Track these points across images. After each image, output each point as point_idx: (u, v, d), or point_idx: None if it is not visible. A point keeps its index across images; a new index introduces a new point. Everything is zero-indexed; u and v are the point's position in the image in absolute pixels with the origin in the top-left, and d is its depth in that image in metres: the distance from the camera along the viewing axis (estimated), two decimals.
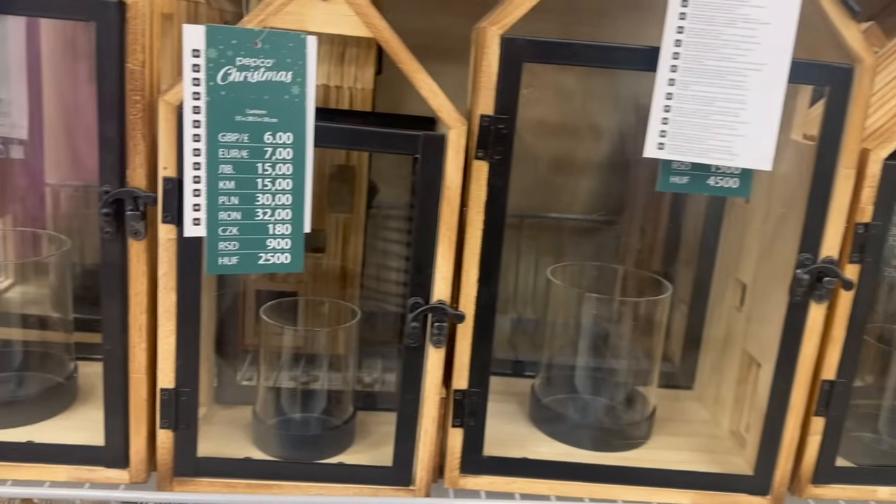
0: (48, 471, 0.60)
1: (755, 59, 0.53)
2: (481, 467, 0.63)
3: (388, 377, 0.80)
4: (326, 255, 0.82)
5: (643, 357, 0.72)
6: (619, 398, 0.72)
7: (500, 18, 0.55)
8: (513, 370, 0.82)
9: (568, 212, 0.89)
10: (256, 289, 0.80)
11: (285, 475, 0.61)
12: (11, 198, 0.87)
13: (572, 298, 0.71)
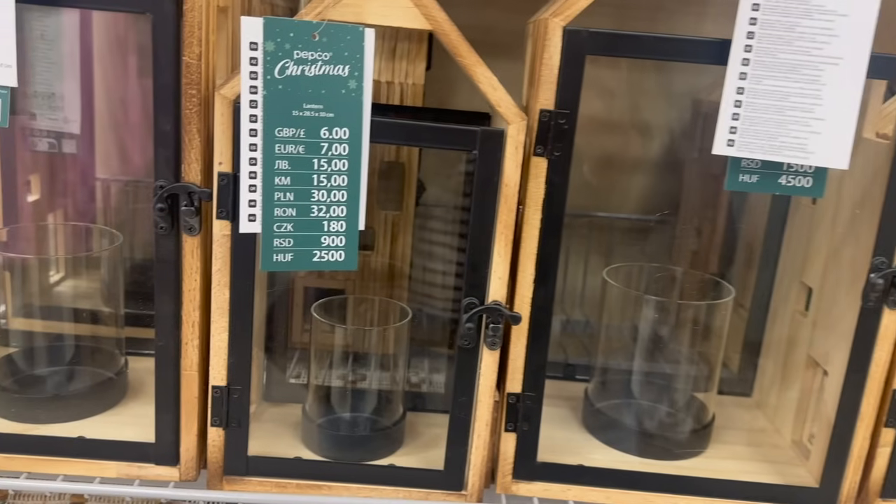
0: (98, 467, 0.60)
1: (832, 52, 0.51)
2: (535, 473, 0.62)
3: (436, 377, 0.79)
4: (375, 252, 0.81)
5: (702, 363, 0.69)
6: (676, 405, 0.70)
7: (563, 10, 0.53)
8: (563, 373, 0.80)
9: (620, 211, 0.86)
10: (304, 285, 0.79)
11: (335, 476, 0.60)
12: (63, 192, 0.88)
13: (630, 301, 0.68)
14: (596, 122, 0.83)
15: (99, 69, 0.83)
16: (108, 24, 0.82)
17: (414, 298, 0.81)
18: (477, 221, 0.55)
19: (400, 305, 0.67)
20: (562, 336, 0.86)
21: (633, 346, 0.69)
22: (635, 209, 0.86)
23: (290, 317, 0.79)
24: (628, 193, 0.87)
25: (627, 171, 0.85)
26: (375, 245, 0.80)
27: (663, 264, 0.74)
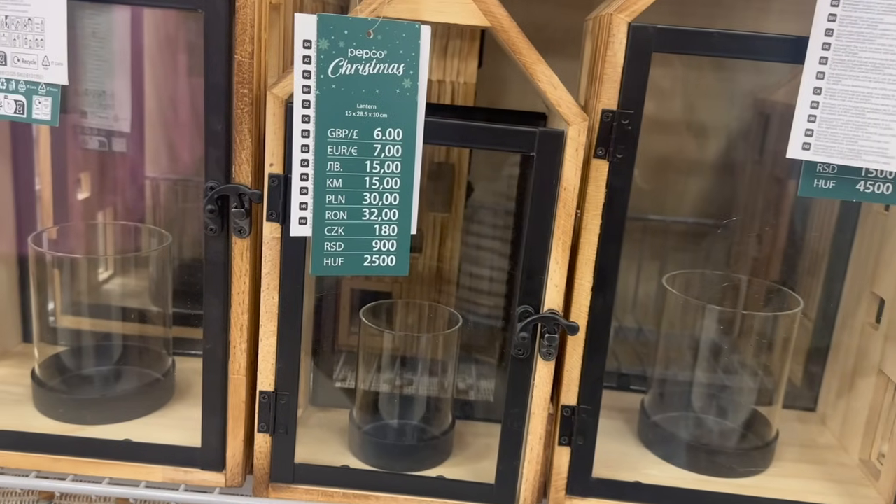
0: (144, 470, 0.59)
1: None
2: (589, 489, 0.59)
3: (484, 385, 0.77)
4: (423, 255, 0.79)
5: (766, 376, 0.66)
6: (738, 419, 0.67)
7: (628, 5, 0.50)
8: (617, 383, 0.77)
9: (676, 214, 0.83)
10: (351, 288, 0.78)
11: (383, 487, 0.58)
12: (112, 190, 0.88)
13: (690, 310, 0.65)
14: (652, 121, 0.80)
15: (149, 67, 0.83)
16: (158, 22, 0.81)
17: (461, 303, 0.79)
18: (533, 226, 0.52)
19: (449, 311, 0.65)
20: (615, 344, 0.83)
21: (694, 357, 0.66)
22: (693, 213, 0.83)
23: (337, 319, 0.78)
24: (685, 196, 0.84)
25: (685, 174, 0.82)
26: (423, 247, 0.79)
27: (724, 271, 0.71)
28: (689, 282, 0.69)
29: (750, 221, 0.83)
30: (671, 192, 0.83)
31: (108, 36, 0.79)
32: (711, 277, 0.69)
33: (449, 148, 0.75)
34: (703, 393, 0.67)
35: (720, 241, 0.83)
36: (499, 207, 0.82)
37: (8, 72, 0.49)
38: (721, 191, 0.83)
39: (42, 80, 0.49)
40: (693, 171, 0.82)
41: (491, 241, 0.83)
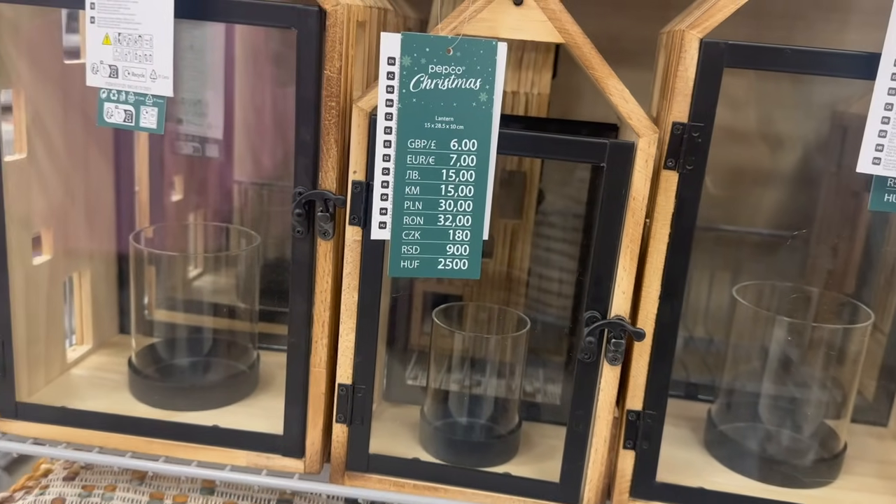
0: (229, 455, 0.63)
1: None
2: (653, 493, 0.60)
3: (551, 388, 0.78)
4: (493, 260, 0.81)
5: (835, 389, 0.66)
6: (806, 431, 0.67)
7: (700, 22, 0.52)
8: (685, 392, 0.78)
9: (750, 225, 0.84)
10: (424, 290, 0.81)
11: (452, 480, 0.61)
12: (204, 193, 0.94)
13: (760, 321, 0.66)
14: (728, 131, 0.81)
15: (240, 78, 0.88)
16: (249, 36, 0.86)
17: (531, 306, 0.81)
18: (602, 234, 0.54)
19: (518, 314, 0.67)
20: (684, 353, 0.84)
21: (762, 367, 0.67)
22: (765, 223, 0.83)
23: (410, 320, 0.82)
24: (759, 207, 0.84)
25: (759, 184, 0.82)
26: (494, 252, 0.81)
27: (795, 283, 0.71)
28: (760, 293, 0.69)
29: (826, 234, 0.82)
30: (747, 202, 0.84)
31: (203, 48, 0.85)
32: (782, 289, 0.70)
33: (521, 157, 0.77)
34: (771, 404, 0.67)
35: (794, 253, 0.83)
36: (568, 214, 0.84)
37: (119, 84, 0.54)
38: (797, 203, 0.83)
39: (149, 92, 0.54)
40: (769, 182, 0.82)
41: (561, 246, 0.85)
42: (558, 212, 0.84)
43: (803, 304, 0.69)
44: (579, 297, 0.70)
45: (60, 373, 0.72)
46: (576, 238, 0.82)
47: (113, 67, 0.54)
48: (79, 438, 0.65)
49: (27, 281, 0.66)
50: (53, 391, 0.69)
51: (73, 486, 0.71)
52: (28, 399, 0.66)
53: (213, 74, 0.86)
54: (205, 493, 0.69)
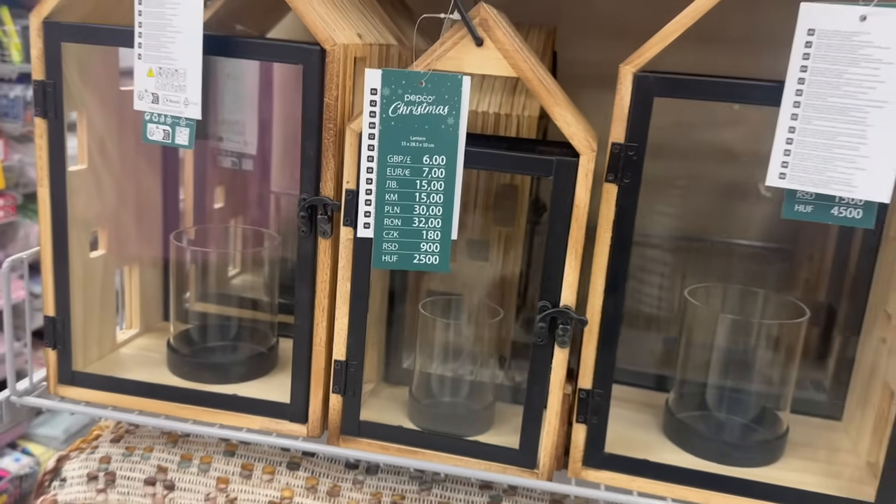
0: (246, 420, 0.75)
1: (877, 97, 0.56)
2: (602, 463, 0.70)
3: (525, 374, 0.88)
4: (489, 263, 0.92)
5: (776, 378, 0.74)
6: (749, 417, 0.75)
7: (633, 59, 0.62)
8: (654, 384, 0.87)
9: (733, 236, 0.91)
10: (428, 289, 0.92)
11: (430, 445, 0.71)
12: (242, 201, 1.07)
13: (707, 319, 0.75)
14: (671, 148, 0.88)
15: (271, 101, 1.01)
16: (280, 67, 0.99)
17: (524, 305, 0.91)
18: (552, 236, 0.64)
19: (493, 306, 0.77)
20: (655, 349, 0.92)
21: (711, 361, 0.75)
22: (743, 234, 0.91)
23: (409, 315, 0.92)
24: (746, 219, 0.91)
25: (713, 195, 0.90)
26: (490, 256, 0.91)
27: (743, 285, 0.79)
28: (712, 294, 0.78)
29: (801, 245, 0.90)
30: (699, 212, 0.92)
31: (240, 76, 0.98)
32: (730, 290, 0.78)
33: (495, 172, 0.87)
34: (717, 393, 0.75)
35: (768, 263, 0.91)
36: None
37: (160, 108, 0.67)
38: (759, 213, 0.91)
39: (183, 115, 0.66)
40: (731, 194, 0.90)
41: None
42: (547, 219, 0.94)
43: (751, 304, 0.78)
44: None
45: (111, 351, 0.85)
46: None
47: (155, 95, 0.67)
48: (123, 403, 0.77)
49: (84, 272, 0.79)
50: (104, 365, 0.82)
51: (117, 447, 0.84)
52: (82, 370, 0.79)
53: (248, 99, 0.99)
54: (227, 455, 0.81)
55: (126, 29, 0.68)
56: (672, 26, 0.60)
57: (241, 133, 1.02)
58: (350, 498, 0.78)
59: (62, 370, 0.78)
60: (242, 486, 0.79)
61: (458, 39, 0.62)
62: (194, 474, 0.80)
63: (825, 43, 0.57)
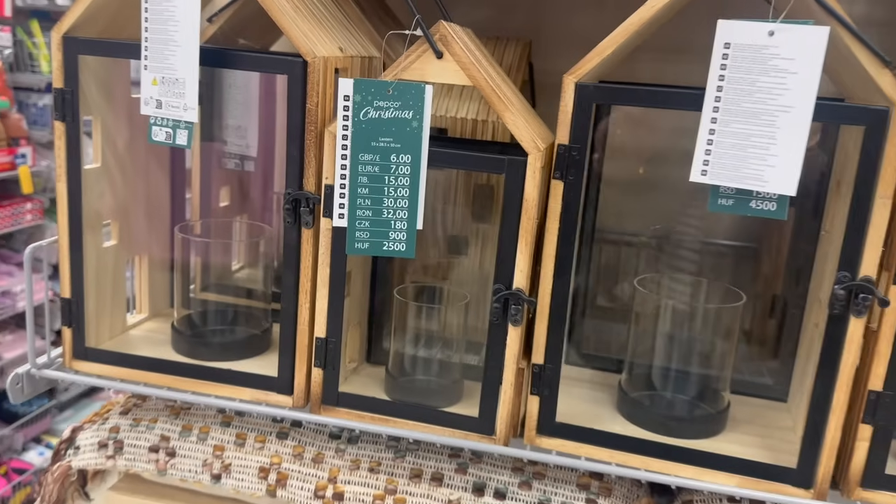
0: (239, 391, 0.83)
1: (784, 102, 0.64)
2: (555, 431, 0.78)
3: None
4: (468, 257, 1.00)
5: (718, 360, 0.82)
6: (691, 394, 0.82)
7: (575, 70, 0.70)
8: (616, 368, 0.94)
9: (703, 235, 0.99)
10: (412, 281, 1.00)
11: (401, 414, 0.80)
12: (245, 201, 1.16)
13: (654, 305, 0.82)
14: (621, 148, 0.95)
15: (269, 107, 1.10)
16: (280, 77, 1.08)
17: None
18: (505, 226, 0.72)
19: (464, 293, 0.85)
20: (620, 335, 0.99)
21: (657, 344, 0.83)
22: (720, 234, 0.99)
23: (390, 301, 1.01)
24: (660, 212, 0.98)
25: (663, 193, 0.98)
26: (468, 251, 1.00)
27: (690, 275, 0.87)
28: (658, 283, 0.86)
29: (768, 242, 0.98)
30: (648, 208, 0.99)
31: (242, 85, 1.07)
32: (676, 279, 0.86)
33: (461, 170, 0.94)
34: (662, 372, 0.83)
35: (738, 259, 0.98)
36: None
37: (162, 113, 0.76)
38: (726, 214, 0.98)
39: (182, 119, 0.75)
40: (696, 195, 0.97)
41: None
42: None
43: (694, 290, 0.85)
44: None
45: (121, 332, 0.95)
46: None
47: (158, 101, 0.76)
48: (130, 376, 0.86)
49: (98, 259, 0.88)
50: (114, 343, 0.91)
51: (125, 418, 0.93)
52: (95, 346, 0.88)
53: (250, 106, 1.08)
54: (223, 425, 0.90)
55: (134, 43, 0.77)
56: (606, 42, 0.69)
57: (244, 137, 1.11)
58: (332, 464, 0.86)
59: (76, 347, 0.87)
60: (236, 454, 0.88)
61: (422, 53, 0.71)
62: (193, 443, 0.89)
63: (739, 55, 0.65)
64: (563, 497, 0.82)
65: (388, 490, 0.83)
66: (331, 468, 0.86)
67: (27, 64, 2.90)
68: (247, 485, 0.87)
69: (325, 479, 0.85)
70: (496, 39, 1.05)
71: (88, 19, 0.80)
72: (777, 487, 0.74)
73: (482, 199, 0.99)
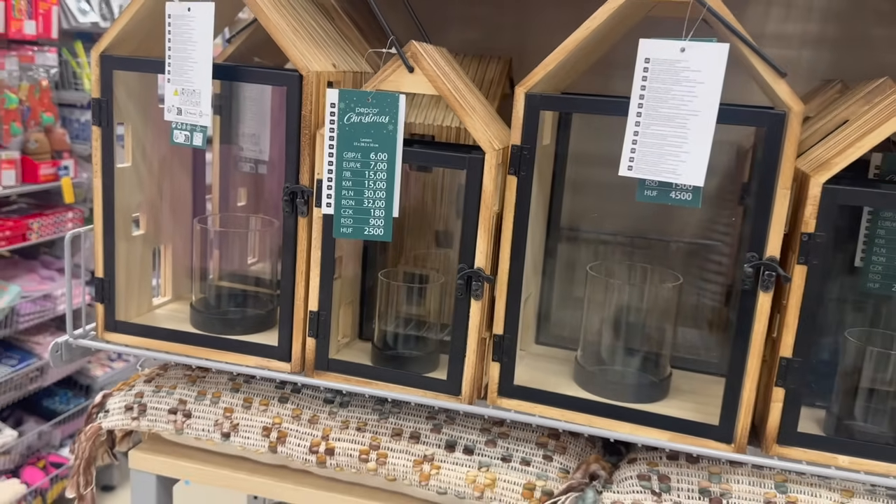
0: (244, 358, 0.97)
1: (694, 108, 0.76)
2: (513, 393, 0.90)
3: None
4: (453, 249, 1.13)
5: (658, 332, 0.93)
6: (636, 365, 0.94)
7: (525, 81, 0.83)
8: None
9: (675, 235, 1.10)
10: (404, 270, 1.13)
11: (379, 376, 0.93)
12: (259, 199, 1.30)
13: (604, 288, 0.94)
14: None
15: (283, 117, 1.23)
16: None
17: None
18: (467, 213, 0.85)
19: (442, 277, 0.98)
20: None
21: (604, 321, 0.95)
22: (690, 234, 1.10)
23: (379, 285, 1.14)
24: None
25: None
26: (454, 244, 1.12)
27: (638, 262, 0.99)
28: (609, 270, 0.98)
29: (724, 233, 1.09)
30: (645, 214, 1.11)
31: (257, 98, 1.22)
32: (626, 265, 0.98)
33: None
34: (610, 347, 0.95)
35: (689, 254, 1.10)
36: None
37: (182, 119, 0.90)
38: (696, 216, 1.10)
39: (198, 124, 0.90)
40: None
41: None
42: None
43: (640, 275, 0.97)
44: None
45: (147, 311, 1.09)
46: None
47: (179, 109, 0.90)
48: (153, 346, 1.00)
49: (128, 246, 1.03)
50: (140, 319, 1.06)
51: (149, 386, 1.07)
52: (123, 320, 1.03)
53: (263, 117, 1.23)
54: (233, 391, 1.04)
55: (160, 60, 0.92)
56: (549, 58, 0.81)
57: (258, 143, 1.25)
58: (325, 424, 0.99)
59: (108, 320, 1.01)
60: (243, 415, 1.01)
61: (396, 67, 0.85)
62: (207, 406, 1.03)
63: (657, 68, 0.77)
64: (524, 454, 0.94)
65: (372, 446, 0.96)
66: (324, 428, 0.99)
67: (71, 82, 3.10)
68: (251, 442, 1.00)
69: (319, 437, 0.98)
70: (480, 57, 1.18)
71: (122, 40, 0.95)
72: (702, 442, 0.85)
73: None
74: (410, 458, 0.94)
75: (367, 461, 0.95)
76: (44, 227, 2.84)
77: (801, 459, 0.83)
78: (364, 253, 1.03)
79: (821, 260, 0.79)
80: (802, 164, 0.84)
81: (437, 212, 1.13)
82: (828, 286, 0.91)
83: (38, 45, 2.81)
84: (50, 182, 2.82)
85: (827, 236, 0.78)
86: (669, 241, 1.10)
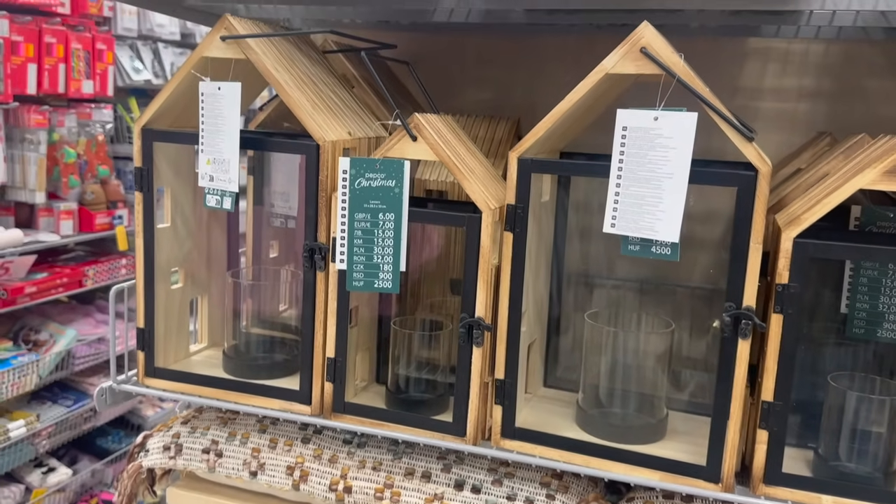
0: (269, 402, 1.05)
1: (668, 171, 0.83)
2: (515, 435, 0.96)
3: None
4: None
5: (653, 379, 0.99)
6: (632, 407, 0.99)
7: (518, 147, 0.91)
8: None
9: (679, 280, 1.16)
10: (420, 317, 1.21)
11: (391, 419, 1.00)
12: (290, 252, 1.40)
13: (600, 334, 1.00)
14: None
15: None
16: None
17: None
18: (467, 268, 0.93)
19: (443, 322, 1.05)
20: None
21: (602, 366, 1.01)
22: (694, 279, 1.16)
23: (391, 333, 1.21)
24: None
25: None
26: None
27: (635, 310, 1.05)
28: (606, 317, 1.04)
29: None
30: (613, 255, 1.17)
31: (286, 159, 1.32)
32: (622, 314, 1.04)
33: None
34: (608, 390, 1.00)
35: (690, 298, 1.15)
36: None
37: (213, 185, 1.01)
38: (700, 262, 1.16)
39: (227, 189, 1.00)
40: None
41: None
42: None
43: (636, 322, 1.03)
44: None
45: (184, 357, 1.19)
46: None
47: (211, 176, 1.01)
48: (187, 390, 1.10)
49: (167, 298, 1.13)
50: (177, 365, 1.15)
51: (185, 427, 1.16)
52: (162, 366, 1.12)
53: (292, 175, 1.33)
54: (260, 432, 1.12)
55: (194, 133, 1.02)
56: (538, 127, 0.89)
57: (287, 200, 1.35)
58: (344, 464, 1.06)
59: (147, 367, 1.11)
60: (269, 454, 1.09)
61: (401, 137, 0.94)
62: (237, 446, 1.11)
63: (634, 135, 0.84)
64: (528, 493, 0.99)
65: (386, 485, 1.03)
66: (343, 467, 1.06)
67: (125, 136, 3.30)
68: (277, 480, 1.08)
69: (338, 476, 1.05)
70: (490, 118, 1.27)
71: (161, 115, 1.06)
72: (692, 482, 0.90)
73: None
74: (422, 496, 1.01)
75: (382, 499, 1.02)
76: (99, 273, 2.99)
77: (787, 499, 0.87)
78: (381, 301, 1.11)
79: (795, 309, 0.84)
80: (781, 217, 0.90)
81: (451, 261, 1.21)
82: (806, 332, 0.96)
83: (96, 102, 3.01)
84: (105, 231, 2.98)
85: (801, 287, 0.84)
86: (676, 286, 1.16)
